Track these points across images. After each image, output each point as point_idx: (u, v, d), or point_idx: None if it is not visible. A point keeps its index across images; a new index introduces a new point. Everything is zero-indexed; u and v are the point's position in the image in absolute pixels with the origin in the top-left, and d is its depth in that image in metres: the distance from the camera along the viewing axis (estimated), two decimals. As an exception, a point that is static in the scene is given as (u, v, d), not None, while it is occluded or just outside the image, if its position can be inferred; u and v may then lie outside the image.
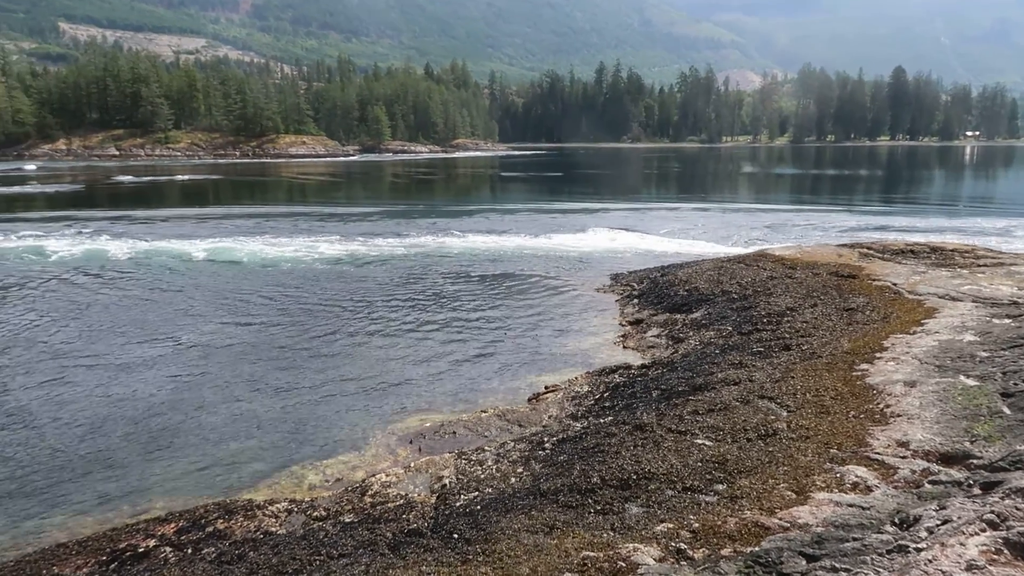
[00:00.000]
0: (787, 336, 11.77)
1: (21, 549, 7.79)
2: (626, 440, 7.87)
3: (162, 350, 14.87)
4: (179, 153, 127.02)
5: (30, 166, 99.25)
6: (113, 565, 6.97)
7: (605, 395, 10.95)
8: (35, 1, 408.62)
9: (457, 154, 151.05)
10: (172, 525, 7.76)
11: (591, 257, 25.51)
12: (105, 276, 22.68)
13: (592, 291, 19.97)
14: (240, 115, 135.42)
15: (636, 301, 17.99)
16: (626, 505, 6.23)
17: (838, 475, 6.19)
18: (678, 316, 15.72)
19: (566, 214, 40.51)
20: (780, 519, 5.44)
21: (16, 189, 61.41)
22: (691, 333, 14.06)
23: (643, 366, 12.39)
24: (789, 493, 5.93)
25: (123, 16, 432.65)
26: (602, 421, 9.33)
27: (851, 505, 5.55)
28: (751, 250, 22.94)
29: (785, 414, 7.94)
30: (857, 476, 6.12)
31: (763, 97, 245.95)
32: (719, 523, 5.50)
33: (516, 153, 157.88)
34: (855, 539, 4.79)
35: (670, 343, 13.99)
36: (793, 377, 9.18)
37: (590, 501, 6.41)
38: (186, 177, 76.97)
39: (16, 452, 10.14)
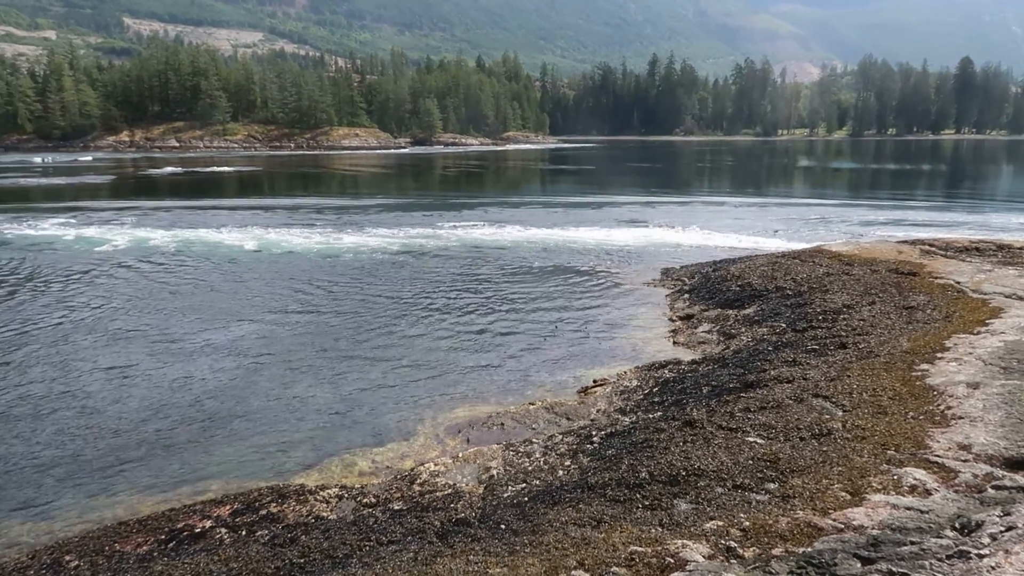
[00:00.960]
0: (843, 334, 11.50)
1: (85, 525, 8.10)
2: (675, 436, 7.80)
3: (218, 338, 15.26)
4: (236, 145, 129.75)
5: (86, 156, 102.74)
6: (171, 544, 7.19)
7: (654, 390, 10.85)
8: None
9: (508, 147, 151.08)
10: (227, 507, 7.96)
11: (641, 251, 25.29)
12: (158, 265, 23.35)
13: (641, 285, 19.81)
14: (295, 108, 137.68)
15: (687, 296, 17.79)
16: (675, 501, 6.17)
17: (895, 477, 6.03)
18: (730, 312, 15.49)
19: (616, 207, 40.22)
20: (834, 520, 5.33)
21: (75, 179, 63.58)
22: (743, 329, 13.84)
23: (693, 362, 12.25)
24: (843, 494, 5.80)
25: (184, 11, 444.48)
26: (651, 416, 9.26)
27: (909, 508, 5.39)
28: (806, 246, 22.44)
29: (840, 413, 7.76)
30: (915, 479, 5.95)
31: (821, 89, 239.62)
32: (770, 522, 5.41)
33: (567, 146, 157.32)
34: (913, 543, 4.66)
35: (721, 339, 13.79)
36: (849, 376, 8.96)
37: (638, 496, 6.37)
38: (231, 168, 78.36)
39: (80, 433, 10.53)
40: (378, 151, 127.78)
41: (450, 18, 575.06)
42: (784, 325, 13.22)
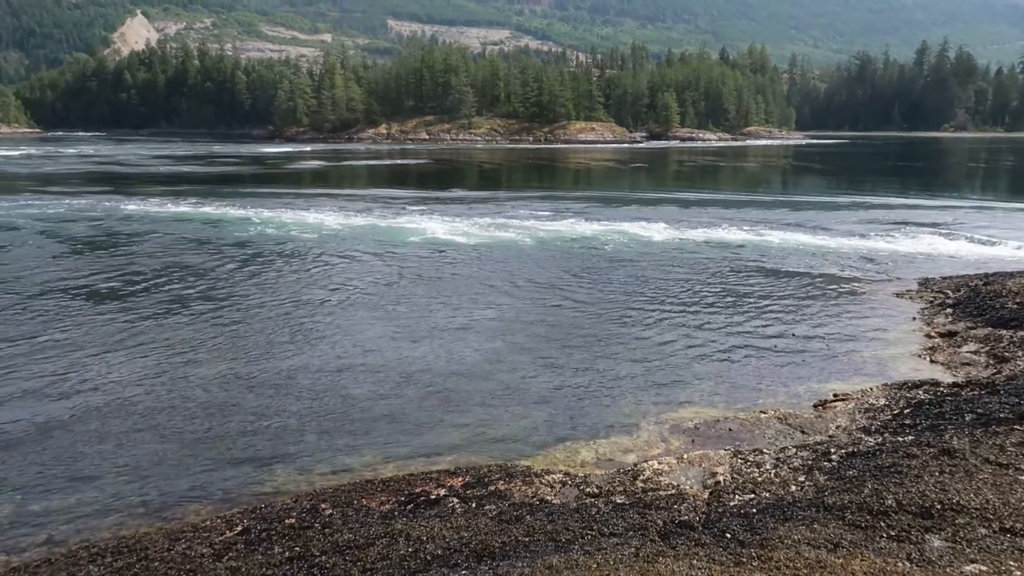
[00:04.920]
0: None
1: (336, 480, 9.02)
2: (929, 464, 7.05)
3: (454, 323, 16.20)
4: (479, 138, 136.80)
5: (358, 146, 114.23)
6: (410, 506, 7.80)
7: (905, 411, 9.87)
8: (372, 1, 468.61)
9: (748, 142, 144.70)
10: (459, 479, 8.47)
11: (895, 258, 23.06)
12: (396, 253, 25.17)
13: (892, 295, 18.08)
14: (535, 102, 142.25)
15: (949, 311, 15.95)
16: (926, 536, 5.59)
17: None
18: (1003, 332, 13.64)
19: (867, 209, 36.99)
20: None
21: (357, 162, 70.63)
22: (1020, 353, 12.13)
23: (955, 384, 10.96)
24: None
25: (440, 12, 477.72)
26: (900, 439, 8.44)
27: None
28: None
29: None
30: None
31: None
32: (1049, 577, 4.71)
33: (814, 142, 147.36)
34: None
35: (991, 362, 12.20)
36: None
37: (882, 524, 5.85)
38: (480, 160, 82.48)
39: (332, 399, 11.68)
40: (612, 145, 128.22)
41: (694, 9, 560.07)
42: (1074, 352, 11.41)
